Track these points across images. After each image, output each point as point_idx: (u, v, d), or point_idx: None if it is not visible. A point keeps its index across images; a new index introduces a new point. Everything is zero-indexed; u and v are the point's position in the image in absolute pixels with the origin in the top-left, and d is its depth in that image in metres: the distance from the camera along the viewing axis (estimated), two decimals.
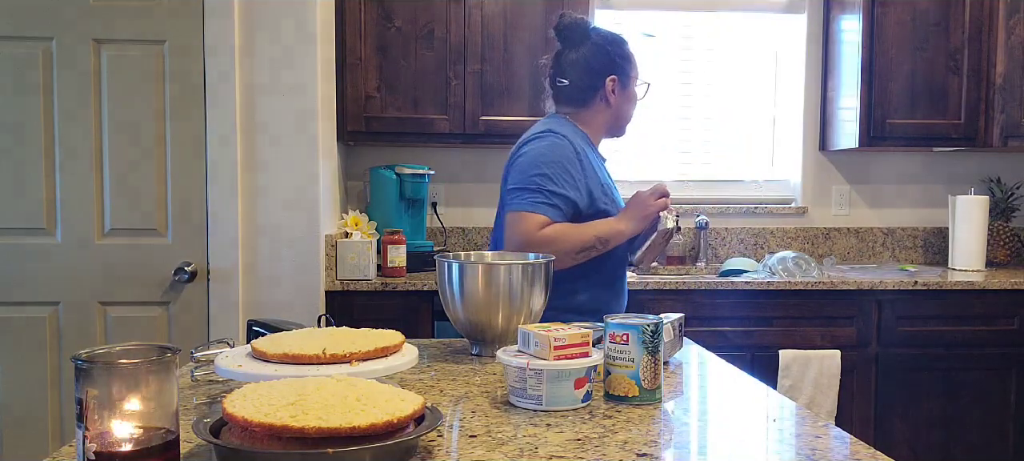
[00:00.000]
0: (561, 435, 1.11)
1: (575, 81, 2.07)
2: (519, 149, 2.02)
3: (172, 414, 0.91)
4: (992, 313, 3.11)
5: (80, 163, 2.72)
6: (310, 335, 1.31)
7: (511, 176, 1.99)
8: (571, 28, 2.09)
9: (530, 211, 1.91)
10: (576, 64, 2.07)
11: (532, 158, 1.96)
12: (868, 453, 1.06)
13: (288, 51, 2.75)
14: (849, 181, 3.73)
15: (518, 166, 1.98)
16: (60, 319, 2.76)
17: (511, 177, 1.99)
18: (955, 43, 3.34)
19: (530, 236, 1.89)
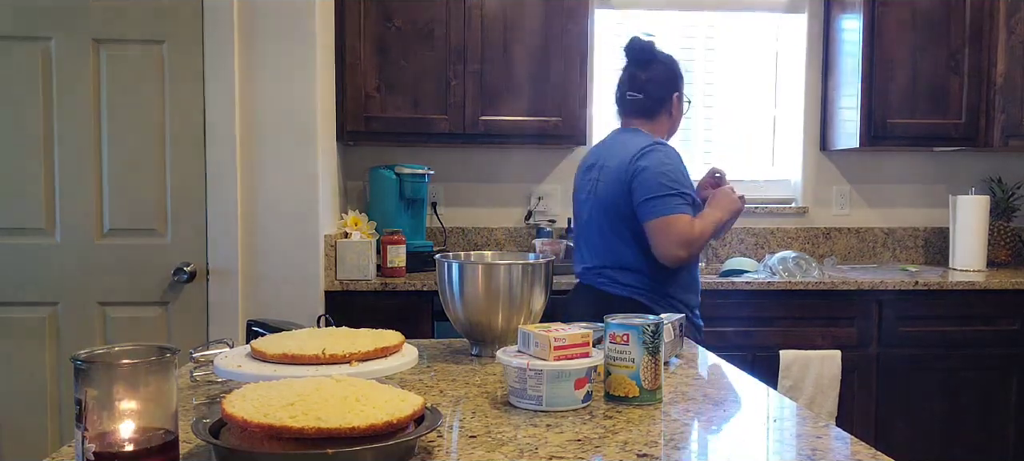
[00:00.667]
0: (561, 436, 1.11)
1: (648, 96, 2.31)
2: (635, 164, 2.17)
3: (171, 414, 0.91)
4: (993, 313, 3.10)
5: (79, 163, 2.72)
6: (310, 335, 1.30)
7: (640, 189, 2.14)
8: (642, 49, 2.34)
9: (678, 213, 2.10)
10: (649, 81, 2.31)
11: (656, 169, 2.14)
12: (869, 453, 1.06)
13: (288, 51, 2.75)
14: (850, 181, 3.73)
15: (644, 179, 2.13)
16: (59, 319, 2.76)
17: (642, 189, 2.13)
18: (956, 43, 3.34)
19: (689, 234, 2.10)
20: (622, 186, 2.17)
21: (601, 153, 2.33)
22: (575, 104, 3.22)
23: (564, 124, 3.22)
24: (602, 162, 2.28)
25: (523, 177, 3.59)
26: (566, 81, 3.21)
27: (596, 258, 2.26)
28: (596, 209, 2.25)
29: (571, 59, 3.21)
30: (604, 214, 2.22)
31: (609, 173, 2.22)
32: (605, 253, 2.23)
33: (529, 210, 3.58)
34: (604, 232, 2.22)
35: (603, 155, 2.30)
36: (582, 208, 2.33)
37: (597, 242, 2.25)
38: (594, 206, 2.26)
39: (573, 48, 3.21)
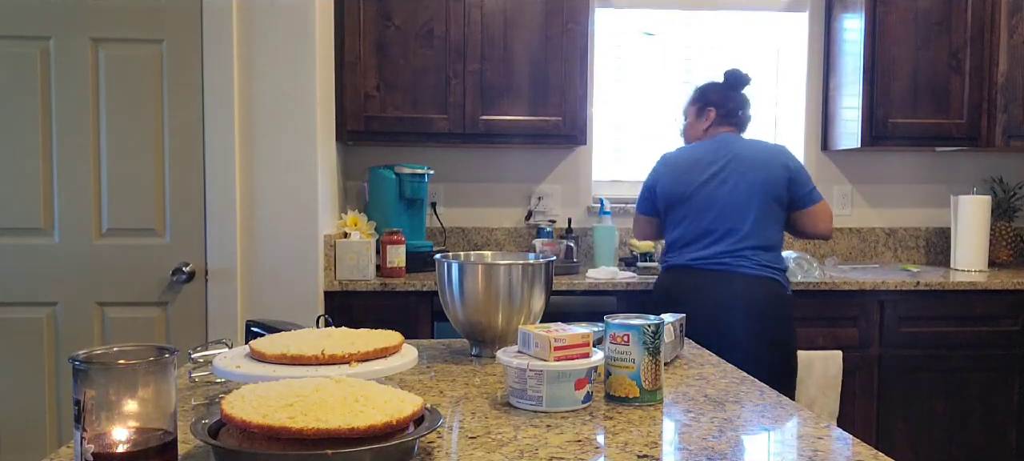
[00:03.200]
0: (561, 436, 1.11)
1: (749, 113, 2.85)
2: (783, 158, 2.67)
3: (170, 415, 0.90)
4: (994, 313, 3.10)
5: (78, 163, 2.72)
6: (309, 336, 1.30)
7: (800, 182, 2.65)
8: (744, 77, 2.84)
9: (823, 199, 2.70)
10: (748, 103, 2.85)
11: (801, 165, 2.70)
12: (870, 454, 1.05)
13: (287, 50, 2.74)
14: (851, 181, 3.73)
15: (801, 174, 2.66)
16: (58, 319, 2.75)
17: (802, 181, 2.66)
18: (957, 42, 3.33)
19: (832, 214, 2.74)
20: (779, 177, 2.60)
21: (723, 150, 2.66)
22: (575, 103, 3.22)
23: (564, 124, 3.22)
24: (734, 155, 2.64)
25: (523, 177, 3.59)
26: (566, 80, 3.20)
27: (737, 241, 2.58)
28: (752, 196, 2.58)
29: (571, 58, 3.20)
30: (762, 199, 2.58)
31: (759, 165, 2.61)
32: (751, 234, 2.57)
33: (529, 210, 3.57)
34: (757, 217, 2.58)
35: (729, 151, 2.65)
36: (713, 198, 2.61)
37: (741, 226, 2.58)
38: (746, 193, 2.58)
39: (573, 47, 3.20)
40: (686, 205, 2.66)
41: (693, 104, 2.86)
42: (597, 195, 3.59)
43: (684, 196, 2.67)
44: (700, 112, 2.82)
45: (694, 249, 2.63)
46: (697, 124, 2.83)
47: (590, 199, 3.61)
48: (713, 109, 2.80)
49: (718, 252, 2.59)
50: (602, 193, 3.58)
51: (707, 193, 2.63)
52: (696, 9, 3.67)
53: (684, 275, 2.63)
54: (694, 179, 2.66)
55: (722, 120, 2.79)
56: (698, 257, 2.61)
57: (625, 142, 3.72)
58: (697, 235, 2.63)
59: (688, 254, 2.64)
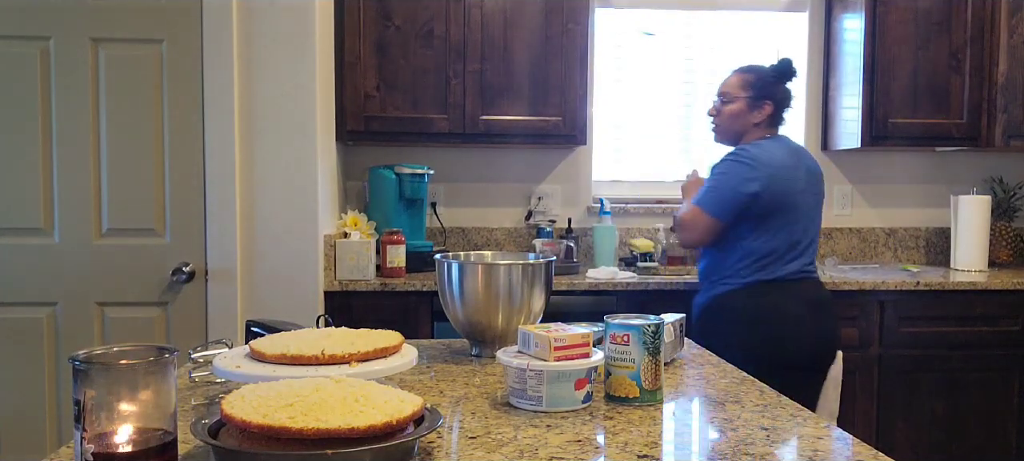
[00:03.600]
0: (561, 436, 1.11)
1: None
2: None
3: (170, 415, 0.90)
4: (994, 314, 3.10)
5: (78, 163, 2.72)
6: (309, 336, 1.30)
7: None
8: (795, 70, 2.60)
9: None
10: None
11: None
12: (870, 454, 1.05)
13: (287, 50, 2.74)
14: (851, 181, 3.73)
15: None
16: (58, 320, 2.75)
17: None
18: (957, 42, 3.33)
19: None
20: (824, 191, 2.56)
21: (796, 157, 2.51)
22: (575, 103, 3.21)
23: (564, 123, 3.22)
24: (806, 165, 2.51)
25: (523, 177, 3.59)
26: (566, 80, 3.20)
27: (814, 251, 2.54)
28: (819, 208, 2.54)
29: (571, 58, 3.20)
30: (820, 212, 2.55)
31: (818, 177, 2.54)
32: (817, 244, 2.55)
33: (529, 210, 3.57)
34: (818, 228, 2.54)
35: (799, 159, 2.51)
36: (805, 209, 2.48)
37: (817, 237, 2.54)
38: (817, 206, 2.52)
39: (573, 47, 3.20)
40: (786, 215, 2.43)
41: (745, 90, 2.54)
42: (597, 195, 3.59)
43: (787, 205, 2.43)
44: (755, 103, 2.53)
45: (791, 261, 2.45)
46: (748, 116, 2.53)
47: (590, 199, 3.61)
48: (770, 104, 2.53)
49: (807, 262, 2.49)
50: (602, 193, 3.57)
51: (804, 203, 2.46)
52: (696, 9, 3.67)
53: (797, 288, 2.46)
54: (793, 187, 2.44)
55: (776, 118, 2.56)
56: (800, 270, 2.46)
57: (625, 142, 3.72)
58: (790, 246, 2.45)
59: (788, 266, 2.44)
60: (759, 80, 2.53)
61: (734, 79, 2.56)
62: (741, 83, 2.54)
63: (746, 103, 2.53)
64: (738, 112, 2.54)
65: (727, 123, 2.57)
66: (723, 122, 2.57)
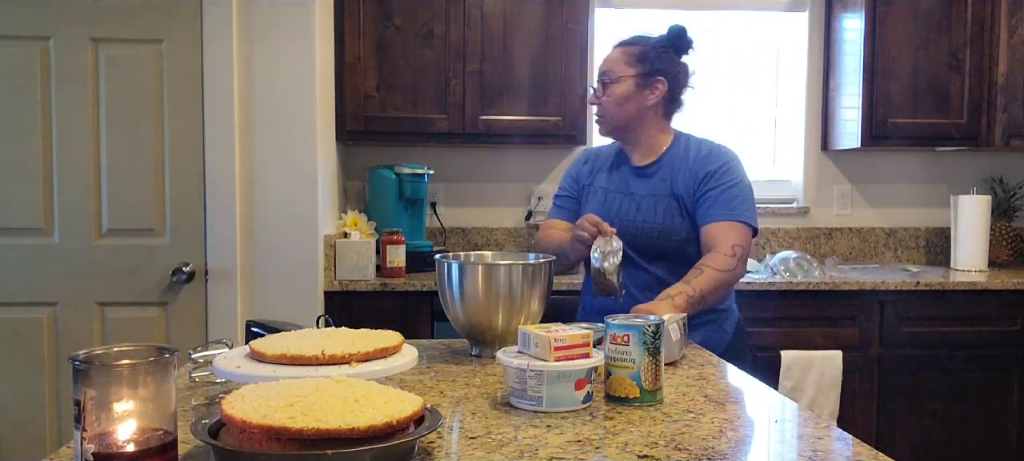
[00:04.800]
0: (561, 437, 1.11)
1: None
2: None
3: (170, 415, 0.90)
4: (994, 314, 3.10)
5: (78, 163, 2.72)
6: (309, 336, 1.30)
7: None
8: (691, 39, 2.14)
9: None
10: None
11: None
12: (870, 454, 1.05)
13: (287, 50, 2.74)
14: (851, 181, 3.73)
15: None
16: (58, 320, 2.75)
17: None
18: (957, 42, 3.33)
19: None
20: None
21: None
22: (575, 103, 3.21)
23: (564, 123, 3.22)
24: None
25: (523, 177, 3.59)
26: (566, 80, 3.20)
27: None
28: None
29: (571, 58, 3.20)
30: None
31: None
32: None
33: (529, 210, 3.57)
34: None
35: None
36: None
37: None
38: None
39: (573, 47, 3.20)
40: None
41: (631, 65, 2.04)
42: None
43: None
44: (645, 81, 2.02)
45: None
46: (639, 96, 2.02)
47: None
48: (663, 81, 2.03)
49: None
50: None
51: None
52: (696, 9, 3.67)
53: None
54: None
55: (672, 102, 2.08)
56: None
57: None
58: None
59: None
60: (647, 52, 2.04)
61: (616, 54, 2.07)
62: (626, 57, 2.05)
63: (635, 82, 2.02)
64: (627, 93, 2.02)
65: (614, 108, 2.04)
66: (609, 108, 2.04)
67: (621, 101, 2.02)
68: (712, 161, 2.01)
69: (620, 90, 2.03)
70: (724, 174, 2.01)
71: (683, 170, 2.01)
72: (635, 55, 2.04)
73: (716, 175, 1.99)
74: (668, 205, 2.00)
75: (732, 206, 1.96)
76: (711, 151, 2.04)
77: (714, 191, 1.98)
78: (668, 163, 2.03)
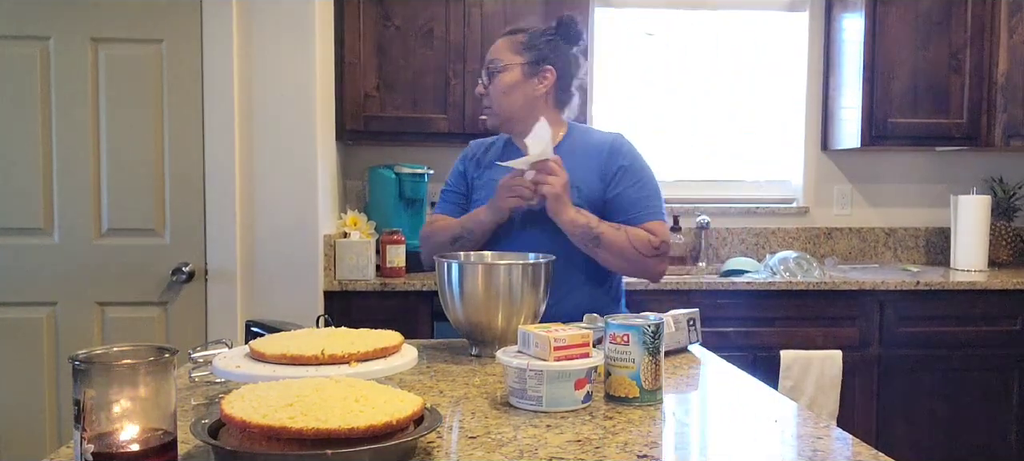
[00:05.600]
0: (561, 436, 1.11)
1: None
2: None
3: (170, 415, 0.90)
4: (994, 313, 3.10)
5: (78, 163, 2.72)
6: (308, 336, 1.30)
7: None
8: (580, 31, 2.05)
9: None
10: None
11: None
12: (870, 454, 1.05)
13: (287, 50, 2.74)
14: (851, 181, 3.73)
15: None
16: (57, 319, 2.75)
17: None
18: (957, 42, 3.33)
19: None
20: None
21: None
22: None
23: None
24: None
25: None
26: None
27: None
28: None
29: None
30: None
31: None
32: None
33: None
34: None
35: None
36: None
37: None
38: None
39: None
40: None
41: (518, 53, 1.96)
42: None
43: None
44: (533, 69, 1.95)
45: None
46: (527, 86, 1.95)
47: None
48: (552, 70, 1.96)
49: None
50: None
51: None
52: (696, 9, 3.67)
53: None
54: None
55: (562, 94, 2.01)
56: None
57: None
58: None
59: None
60: (535, 40, 1.97)
61: (502, 43, 2.00)
62: (512, 46, 1.98)
63: (522, 70, 1.95)
64: (514, 82, 1.94)
65: (501, 98, 1.96)
66: (496, 98, 1.97)
67: (508, 90, 1.95)
68: (622, 155, 1.94)
69: (507, 79, 1.95)
70: (640, 170, 1.95)
71: (583, 161, 1.91)
72: (522, 43, 1.97)
73: (630, 171, 1.93)
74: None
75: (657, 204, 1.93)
76: (614, 143, 1.96)
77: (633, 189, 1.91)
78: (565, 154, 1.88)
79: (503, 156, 1.98)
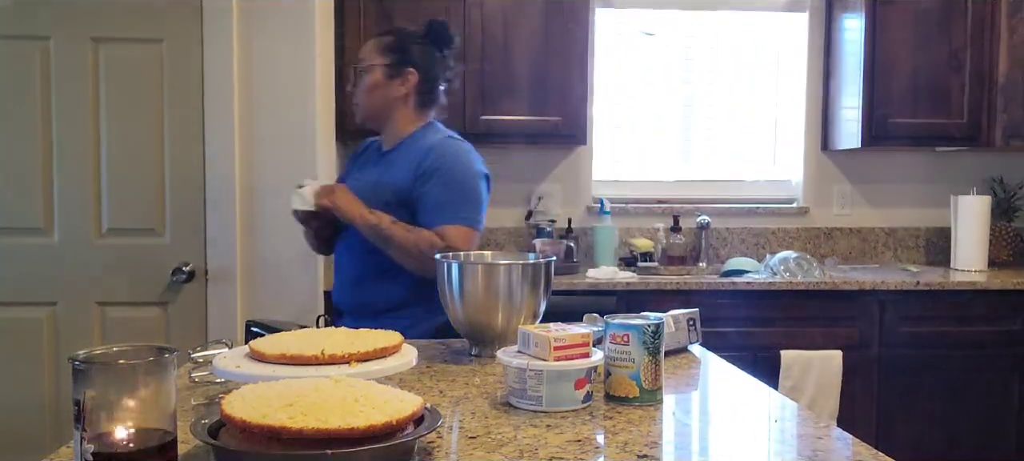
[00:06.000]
0: (561, 436, 1.11)
1: None
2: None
3: (170, 415, 0.90)
4: (994, 314, 3.10)
5: (78, 162, 2.72)
6: (309, 336, 1.30)
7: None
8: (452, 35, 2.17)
9: None
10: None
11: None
12: (870, 454, 1.05)
13: (287, 50, 2.74)
14: (851, 181, 3.73)
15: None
16: (57, 319, 2.75)
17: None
18: (957, 42, 3.33)
19: None
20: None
21: None
22: (575, 103, 3.21)
23: (564, 124, 3.22)
24: None
25: (523, 177, 3.59)
26: (566, 80, 3.20)
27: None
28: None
29: (571, 59, 3.20)
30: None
31: None
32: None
33: (529, 210, 3.57)
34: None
35: None
36: None
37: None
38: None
39: (573, 48, 3.20)
40: None
41: (382, 55, 2.04)
42: (597, 195, 3.59)
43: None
44: (395, 71, 2.03)
45: None
46: (388, 87, 2.03)
47: (590, 199, 3.61)
48: (415, 72, 2.04)
49: None
50: (602, 193, 3.57)
51: None
52: (696, 9, 3.67)
53: None
54: None
55: (427, 94, 2.09)
56: None
57: (625, 142, 3.72)
58: None
59: None
60: (400, 43, 2.06)
61: (370, 44, 2.09)
62: (377, 47, 2.06)
63: (384, 72, 2.03)
64: (376, 83, 2.03)
65: (364, 97, 2.06)
66: (360, 97, 2.07)
67: (370, 89, 2.04)
68: (435, 158, 1.98)
69: (370, 79, 2.04)
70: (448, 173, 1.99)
71: (406, 159, 2.01)
72: (387, 45, 2.06)
73: (438, 173, 1.97)
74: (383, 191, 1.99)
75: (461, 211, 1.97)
76: (433, 148, 2.00)
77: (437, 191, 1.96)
78: (404, 151, 2.03)
79: (375, 157, 2.13)
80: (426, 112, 2.11)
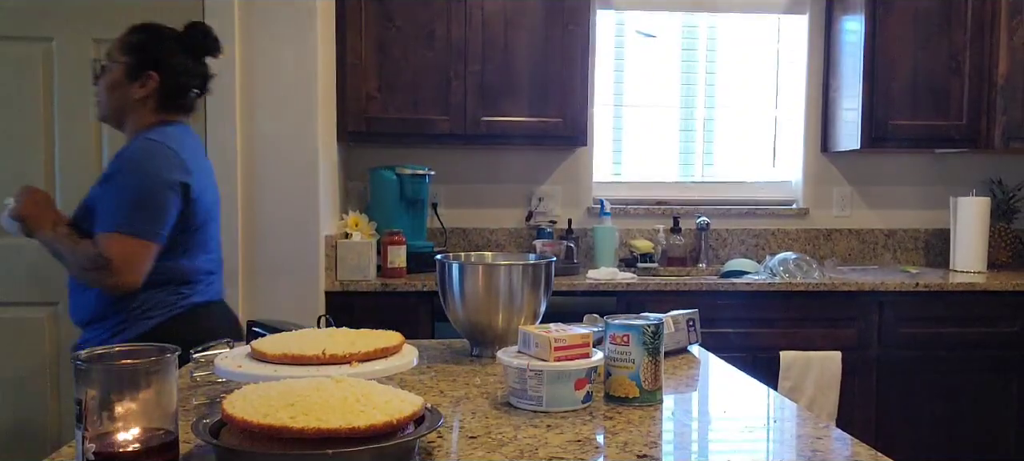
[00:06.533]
0: (561, 436, 1.11)
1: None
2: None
3: (171, 415, 0.91)
4: (993, 315, 3.10)
5: (80, 163, 2.72)
6: (310, 336, 1.30)
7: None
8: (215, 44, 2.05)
9: None
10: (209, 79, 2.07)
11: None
12: (869, 454, 1.06)
13: (288, 51, 2.75)
14: (850, 182, 3.73)
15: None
16: (59, 319, 2.75)
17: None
18: (957, 44, 3.33)
19: None
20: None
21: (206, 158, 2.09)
22: (576, 104, 3.22)
23: (565, 124, 3.22)
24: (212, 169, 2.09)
25: (523, 177, 3.59)
26: (567, 81, 3.21)
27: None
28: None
29: (572, 59, 3.20)
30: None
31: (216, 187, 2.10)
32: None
33: (530, 211, 3.58)
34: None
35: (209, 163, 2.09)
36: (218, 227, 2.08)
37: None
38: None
39: (574, 48, 3.20)
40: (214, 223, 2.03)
41: (124, 53, 1.93)
42: (597, 196, 3.59)
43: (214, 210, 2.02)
44: (135, 72, 1.92)
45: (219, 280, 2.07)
46: (126, 88, 1.92)
47: (590, 200, 3.61)
48: (156, 76, 1.92)
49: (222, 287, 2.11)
50: (602, 194, 3.58)
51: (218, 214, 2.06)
52: (696, 10, 3.68)
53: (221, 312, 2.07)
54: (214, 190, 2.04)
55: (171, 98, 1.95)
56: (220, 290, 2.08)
57: (625, 143, 3.72)
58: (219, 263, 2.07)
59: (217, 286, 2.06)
60: (146, 43, 1.94)
61: (118, 39, 1.97)
62: (122, 45, 1.95)
63: (124, 70, 1.92)
64: (114, 81, 1.92)
65: (103, 94, 1.95)
66: (100, 95, 1.96)
67: (109, 88, 1.94)
68: (114, 163, 1.88)
69: (109, 77, 1.94)
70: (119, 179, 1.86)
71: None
72: (132, 43, 1.95)
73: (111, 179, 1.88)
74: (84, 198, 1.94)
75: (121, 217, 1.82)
76: (122, 152, 1.89)
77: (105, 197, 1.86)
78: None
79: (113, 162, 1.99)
80: (168, 116, 1.96)
